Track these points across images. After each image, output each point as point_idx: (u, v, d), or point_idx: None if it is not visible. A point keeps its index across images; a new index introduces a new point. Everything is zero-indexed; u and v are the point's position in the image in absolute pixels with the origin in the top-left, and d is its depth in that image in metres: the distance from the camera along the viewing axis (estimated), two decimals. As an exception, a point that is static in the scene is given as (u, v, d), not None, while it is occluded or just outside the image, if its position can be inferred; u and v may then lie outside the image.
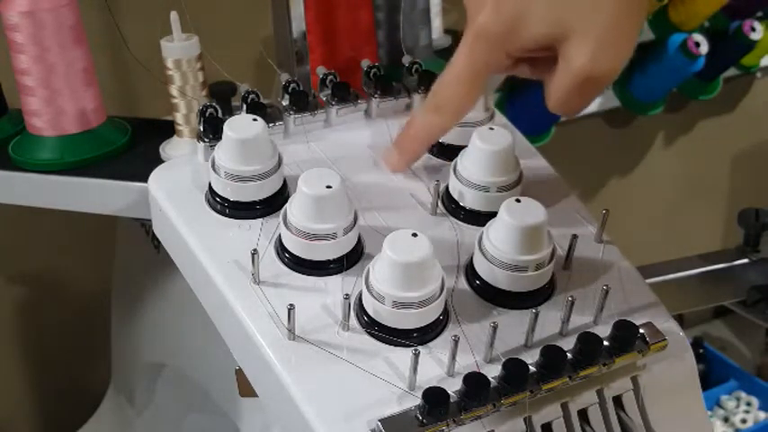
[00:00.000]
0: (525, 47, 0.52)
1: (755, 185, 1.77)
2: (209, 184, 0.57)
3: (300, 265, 0.53)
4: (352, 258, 0.54)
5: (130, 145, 0.70)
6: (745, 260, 0.91)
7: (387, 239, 0.49)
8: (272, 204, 0.57)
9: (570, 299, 0.51)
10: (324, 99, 0.65)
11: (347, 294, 0.50)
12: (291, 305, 0.49)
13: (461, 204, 0.57)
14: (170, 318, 0.81)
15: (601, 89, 0.52)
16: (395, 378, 0.48)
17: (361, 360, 0.49)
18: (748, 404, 1.59)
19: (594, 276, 0.56)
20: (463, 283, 0.54)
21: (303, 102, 0.63)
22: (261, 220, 0.56)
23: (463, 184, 0.57)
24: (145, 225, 0.78)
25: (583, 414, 0.52)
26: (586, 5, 0.49)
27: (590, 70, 0.50)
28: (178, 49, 0.63)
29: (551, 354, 0.48)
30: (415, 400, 0.47)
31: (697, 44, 1.29)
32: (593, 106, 1.41)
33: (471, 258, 0.54)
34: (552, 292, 0.54)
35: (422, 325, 0.50)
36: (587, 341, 0.49)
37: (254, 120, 0.56)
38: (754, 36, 1.36)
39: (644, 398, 0.53)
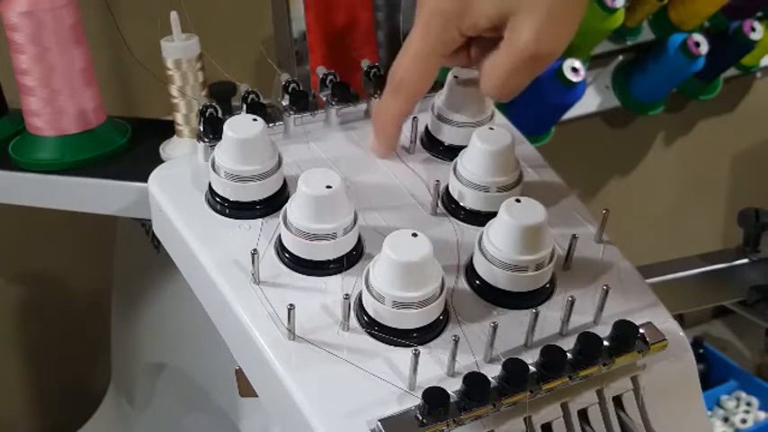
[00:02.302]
0: (477, 24, 0.54)
1: (755, 185, 1.77)
2: (209, 184, 0.57)
3: (300, 265, 0.53)
4: (352, 258, 0.54)
5: (130, 145, 0.70)
6: (745, 260, 0.91)
7: (387, 239, 0.49)
8: (272, 204, 0.57)
9: (570, 299, 0.51)
10: (324, 99, 0.65)
11: (347, 294, 0.50)
12: (291, 305, 0.49)
13: (461, 204, 0.57)
14: (170, 318, 0.81)
15: (540, 70, 0.54)
16: (395, 378, 0.48)
17: (361, 360, 0.49)
18: (748, 404, 1.59)
19: (594, 276, 0.56)
20: (463, 283, 0.54)
21: (303, 102, 0.63)
22: (261, 220, 0.56)
23: (463, 184, 0.57)
24: (145, 225, 0.78)
25: (583, 414, 0.52)
26: None
27: (534, 47, 0.52)
28: (178, 49, 0.63)
29: (551, 354, 0.48)
30: (415, 400, 0.47)
31: (697, 44, 1.29)
32: (593, 106, 1.41)
33: (471, 258, 0.54)
34: (552, 292, 0.54)
35: (422, 325, 0.50)
36: (587, 341, 0.49)
37: (254, 120, 0.56)
38: (754, 36, 1.36)
39: (644, 398, 0.53)
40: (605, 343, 0.50)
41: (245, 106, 0.62)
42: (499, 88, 0.55)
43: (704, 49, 1.30)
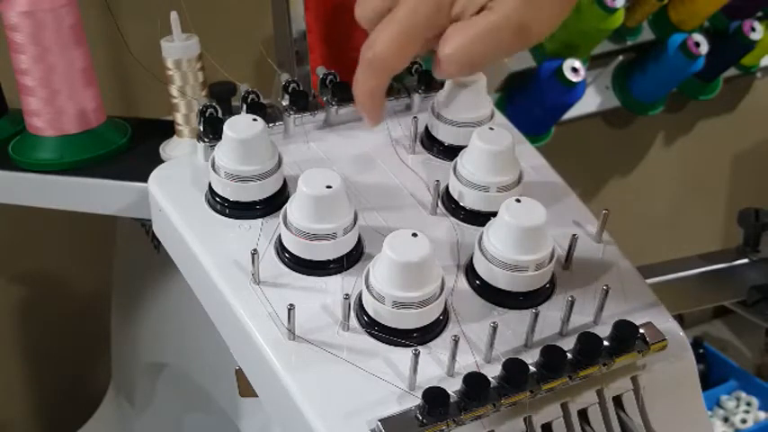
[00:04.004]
0: (465, 11, 0.52)
1: (755, 185, 1.77)
2: (209, 184, 0.57)
3: (300, 265, 0.53)
4: (352, 258, 0.54)
5: (130, 145, 0.70)
6: (745, 260, 0.91)
7: (387, 239, 0.49)
8: (272, 204, 0.57)
9: (570, 299, 0.51)
10: (324, 99, 0.65)
11: (347, 294, 0.50)
12: (291, 305, 0.49)
13: (461, 204, 0.57)
14: (170, 318, 0.81)
15: (505, 46, 0.52)
16: (395, 378, 0.48)
17: (361, 360, 0.49)
18: (748, 404, 1.59)
19: (594, 276, 0.56)
20: (463, 283, 0.54)
21: (303, 102, 0.63)
22: (261, 220, 0.56)
23: (463, 184, 0.57)
24: (145, 225, 0.78)
25: (583, 414, 0.52)
26: None
27: (515, 19, 0.50)
28: (178, 49, 0.63)
29: (551, 354, 0.48)
30: (415, 400, 0.47)
31: (697, 44, 1.30)
32: (593, 106, 1.41)
33: (471, 258, 0.54)
34: (552, 292, 0.54)
35: (422, 325, 0.50)
36: (587, 341, 0.49)
37: (254, 120, 0.56)
38: (754, 36, 1.36)
39: (644, 398, 0.53)
40: (605, 343, 0.50)
41: (245, 106, 0.62)
42: (457, 51, 0.52)
43: (704, 49, 1.30)
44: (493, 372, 0.48)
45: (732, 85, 1.56)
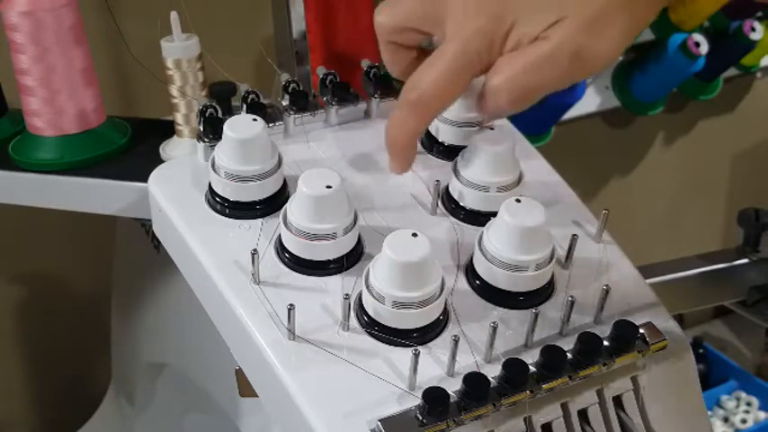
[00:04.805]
0: (520, 43, 0.48)
1: (755, 185, 1.77)
2: (209, 184, 0.57)
3: (300, 265, 0.53)
4: (352, 258, 0.54)
5: (130, 145, 0.70)
6: (745, 260, 0.91)
7: (387, 239, 0.49)
8: (272, 204, 0.57)
9: (570, 299, 0.51)
10: (324, 99, 0.65)
11: (347, 294, 0.50)
12: (291, 305, 0.49)
13: (461, 204, 0.57)
14: (170, 318, 0.81)
15: (560, 77, 0.48)
16: (395, 378, 0.48)
17: (361, 360, 0.49)
18: (748, 404, 1.59)
19: (594, 276, 0.56)
20: (463, 283, 0.54)
21: (303, 102, 0.63)
22: (261, 220, 0.56)
23: (463, 184, 0.57)
24: (145, 225, 0.78)
25: (583, 414, 0.52)
26: None
27: (570, 46, 0.46)
28: (178, 49, 0.63)
29: (551, 354, 0.48)
30: (415, 400, 0.47)
31: (697, 44, 1.30)
32: (593, 106, 1.41)
33: (471, 258, 0.54)
34: (552, 291, 0.54)
35: (422, 325, 0.50)
36: (587, 341, 0.49)
37: (254, 120, 0.56)
38: (754, 36, 1.36)
39: (644, 398, 0.53)
40: (605, 343, 0.50)
41: (245, 106, 0.62)
42: (507, 82, 0.47)
43: (704, 49, 1.30)
44: (493, 372, 0.48)
45: (732, 85, 1.56)
